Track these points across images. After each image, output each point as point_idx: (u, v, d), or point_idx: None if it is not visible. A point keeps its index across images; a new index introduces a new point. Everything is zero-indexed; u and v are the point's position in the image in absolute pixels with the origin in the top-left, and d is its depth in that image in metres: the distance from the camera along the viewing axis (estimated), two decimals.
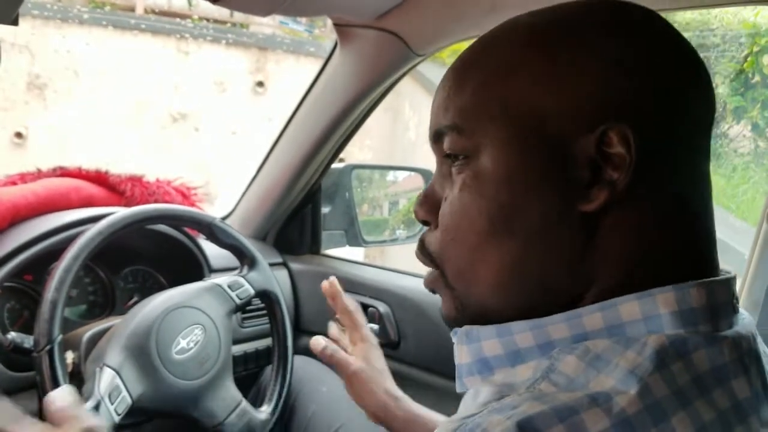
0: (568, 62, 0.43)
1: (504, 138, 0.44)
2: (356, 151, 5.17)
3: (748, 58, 2.79)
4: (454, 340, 0.50)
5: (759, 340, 0.45)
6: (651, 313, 0.41)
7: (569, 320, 0.43)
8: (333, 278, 0.94)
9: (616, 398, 0.36)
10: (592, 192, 0.42)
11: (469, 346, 0.48)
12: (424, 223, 0.52)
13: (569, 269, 0.43)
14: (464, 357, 0.48)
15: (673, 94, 0.42)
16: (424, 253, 0.51)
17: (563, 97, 0.42)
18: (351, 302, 0.94)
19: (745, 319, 0.45)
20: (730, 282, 0.44)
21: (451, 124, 0.47)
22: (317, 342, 0.90)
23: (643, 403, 0.36)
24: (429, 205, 0.51)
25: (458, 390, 0.50)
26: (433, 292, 0.52)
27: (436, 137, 0.49)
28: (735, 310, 0.44)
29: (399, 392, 0.89)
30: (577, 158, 0.42)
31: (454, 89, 0.47)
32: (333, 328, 0.96)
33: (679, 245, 0.43)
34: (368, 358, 0.90)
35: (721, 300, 0.42)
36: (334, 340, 0.93)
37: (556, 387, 0.39)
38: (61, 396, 0.78)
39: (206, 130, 5.59)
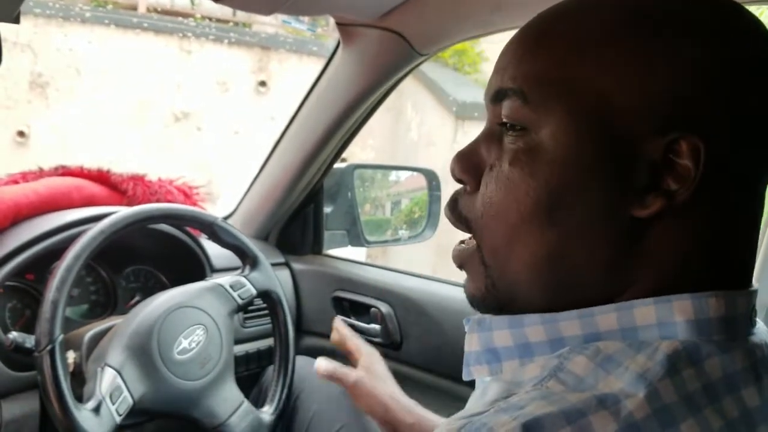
0: (651, 58, 0.40)
1: (569, 119, 0.41)
2: (358, 151, 5.17)
3: None
4: (465, 328, 0.49)
5: None
6: (666, 320, 0.40)
7: (582, 318, 0.42)
8: (337, 325, 1.05)
9: (625, 401, 0.36)
10: (648, 198, 0.40)
11: (479, 334, 0.47)
12: (459, 181, 0.49)
13: (605, 270, 0.42)
14: (474, 345, 0.48)
15: (752, 111, 0.40)
16: (457, 216, 0.49)
17: (639, 93, 0.40)
18: (350, 336, 1.04)
19: (760, 327, 0.45)
20: (751, 295, 0.43)
21: (517, 88, 0.43)
22: (320, 366, 0.97)
23: (651, 407, 0.36)
24: (468, 165, 0.48)
25: (464, 378, 0.49)
26: (461, 268, 0.50)
27: (497, 97, 0.46)
28: (753, 323, 0.43)
29: (403, 396, 0.90)
30: (640, 160, 0.40)
31: (529, 53, 0.44)
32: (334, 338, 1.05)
33: (719, 264, 0.42)
34: (369, 367, 0.93)
35: (740, 312, 0.41)
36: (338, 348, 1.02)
37: (564, 386, 0.39)
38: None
39: (209, 130, 5.59)
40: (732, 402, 0.39)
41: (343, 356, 1.42)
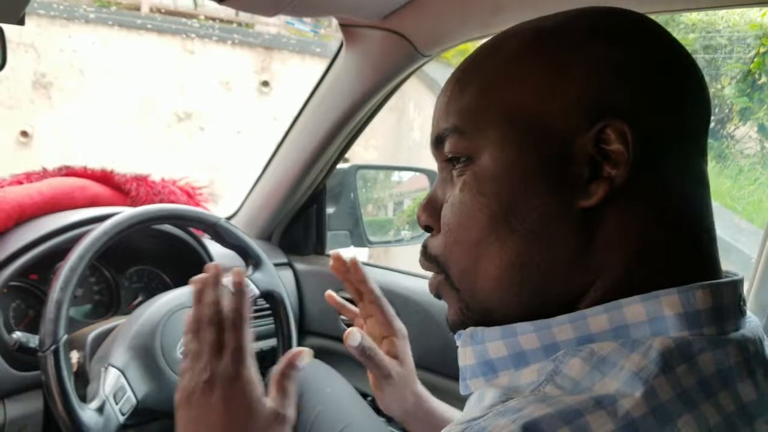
0: (564, 66, 0.44)
1: (503, 138, 0.45)
2: (361, 151, 5.18)
3: (755, 59, 2.78)
4: (458, 342, 0.50)
5: (767, 343, 0.45)
6: (656, 315, 0.41)
7: (574, 321, 0.43)
8: (356, 258, 0.87)
9: (622, 401, 0.36)
10: (591, 187, 0.43)
11: (473, 347, 0.48)
12: (426, 228, 0.53)
13: (571, 266, 0.44)
14: (468, 359, 0.48)
15: (668, 94, 0.43)
16: (427, 257, 0.52)
17: (561, 99, 0.43)
18: (377, 290, 0.87)
19: (753, 322, 0.45)
20: (736, 284, 0.44)
21: (452, 126, 0.48)
22: (354, 337, 0.80)
23: (648, 405, 0.36)
24: (431, 211, 0.52)
25: (462, 392, 0.49)
26: (439, 297, 0.52)
27: (438, 142, 0.50)
28: (742, 313, 0.44)
29: (424, 391, 0.86)
30: (576, 156, 0.43)
31: (456, 94, 0.48)
32: (360, 316, 0.90)
33: (681, 244, 0.43)
34: (402, 358, 0.84)
35: (727, 302, 0.42)
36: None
37: (561, 390, 0.39)
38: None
39: (211, 130, 5.60)
40: (727, 396, 0.39)
41: (345, 356, 1.43)
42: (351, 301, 1.37)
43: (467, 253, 0.47)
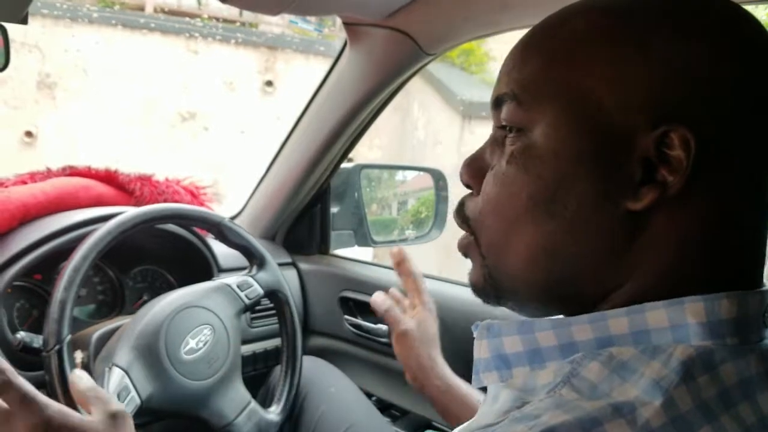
0: (637, 55, 0.41)
1: (559, 117, 0.43)
2: (365, 151, 5.17)
3: None
4: (474, 333, 0.49)
5: None
6: (678, 322, 0.40)
7: (594, 322, 0.42)
8: (400, 247, 1.00)
9: (641, 409, 0.36)
10: (642, 191, 0.41)
11: (489, 340, 0.47)
12: (467, 186, 0.52)
13: (603, 263, 0.43)
14: (483, 352, 0.48)
15: (746, 104, 0.41)
16: (461, 215, 0.51)
17: (627, 89, 0.41)
18: (415, 268, 0.98)
19: None
20: (764, 295, 0.43)
21: (511, 92, 0.46)
22: (378, 296, 0.96)
23: (668, 415, 0.35)
24: (474, 170, 0.50)
25: (474, 385, 0.49)
26: (466, 256, 0.52)
27: (496, 104, 0.48)
28: (766, 324, 0.43)
29: (441, 360, 0.92)
30: (633, 153, 0.41)
31: (521, 60, 0.47)
32: (395, 291, 1.01)
33: (721, 256, 0.42)
34: (422, 322, 0.93)
35: (752, 312, 0.41)
36: (396, 301, 0.98)
37: (578, 393, 0.38)
38: (81, 378, 0.74)
39: (215, 130, 5.61)
40: (748, 407, 0.38)
41: (349, 355, 1.43)
42: (360, 301, 1.39)
43: (501, 228, 0.46)
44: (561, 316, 0.44)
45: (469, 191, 0.51)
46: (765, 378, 0.40)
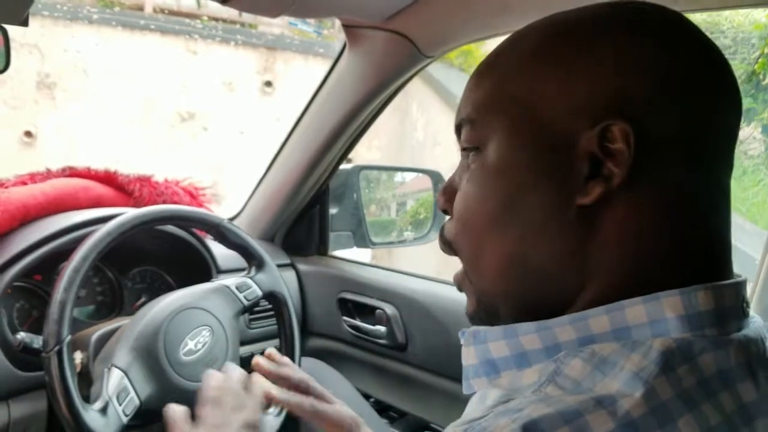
0: (571, 63, 0.44)
1: (506, 132, 0.46)
2: (364, 152, 5.18)
3: (759, 60, 2.77)
4: (461, 340, 0.50)
5: None
6: (657, 317, 0.41)
7: (575, 322, 0.43)
8: (271, 350, 0.96)
9: (621, 401, 0.36)
10: (589, 185, 0.43)
11: (476, 347, 0.48)
12: (444, 212, 0.54)
13: (567, 263, 0.44)
14: (471, 358, 0.49)
15: (683, 95, 0.43)
16: (443, 240, 0.53)
17: (561, 99, 0.44)
18: (295, 372, 0.94)
19: (756, 322, 0.45)
20: (739, 285, 0.44)
21: (466, 117, 0.49)
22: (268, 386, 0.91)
23: (648, 405, 0.36)
24: (448, 195, 0.53)
25: (465, 391, 0.50)
26: (460, 290, 0.53)
27: (457, 130, 0.51)
28: (745, 314, 0.44)
29: None
30: (578, 153, 0.43)
31: (473, 87, 0.50)
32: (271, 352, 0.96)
33: (685, 246, 0.43)
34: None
35: (729, 303, 0.42)
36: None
37: (563, 390, 0.39)
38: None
39: (215, 130, 5.61)
40: (728, 397, 0.39)
41: (348, 357, 1.43)
42: (358, 303, 1.39)
43: (473, 242, 0.49)
44: (543, 320, 0.45)
45: (448, 217, 0.54)
46: (745, 367, 0.41)
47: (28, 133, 5.08)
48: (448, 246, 0.52)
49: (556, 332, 0.43)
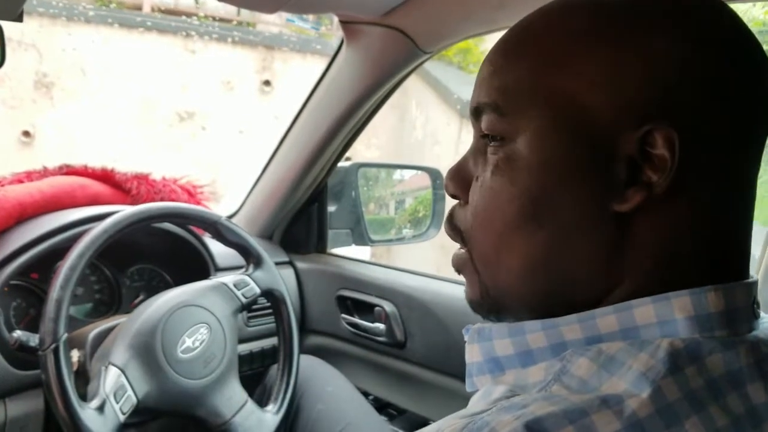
0: (616, 56, 0.41)
1: (543, 125, 0.43)
2: (363, 150, 5.17)
3: None
4: (465, 337, 0.49)
5: None
6: (666, 318, 0.40)
7: (583, 321, 0.42)
8: None
9: (628, 401, 0.36)
10: (628, 192, 0.41)
11: (480, 344, 0.47)
12: (453, 196, 0.51)
13: (596, 268, 0.43)
14: (475, 356, 0.47)
15: (727, 98, 0.41)
16: (452, 227, 0.51)
17: (608, 91, 0.41)
18: None
19: (766, 322, 0.44)
20: (750, 286, 0.43)
21: (492, 102, 0.45)
22: None
23: (655, 406, 0.36)
24: (459, 181, 0.50)
25: (468, 389, 0.49)
26: (459, 272, 0.51)
27: (476, 113, 0.48)
28: (756, 315, 0.43)
29: None
30: (617, 155, 0.41)
31: (500, 67, 0.46)
32: None
33: (709, 254, 0.42)
34: None
35: (740, 304, 0.41)
36: None
37: (568, 389, 0.39)
38: None
39: (213, 129, 5.60)
40: (737, 398, 0.38)
41: (346, 354, 1.43)
42: (357, 300, 1.39)
43: (491, 241, 0.46)
44: (550, 318, 0.44)
45: (457, 201, 0.51)
46: (755, 369, 0.40)
47: (26, 133, 5.07)
48: (458, 234, 0.50)
49: (563, 331, 0.42)
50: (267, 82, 5.84)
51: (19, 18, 0.72)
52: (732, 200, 0.43)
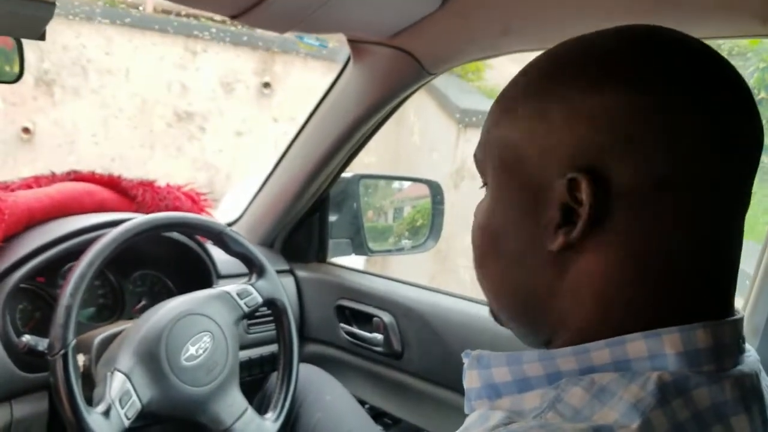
0: (548, 111, 0.45)
1: (495, 174, 0.50)
2: (361, 155, 5.18)
3: (755, 75, 2.80)
4: (465, 362, 0.52)
5: (763, 376, 0.46)
6: (657, 352, 0.42)
7: (577, 354, 0.44)
8: None
9: (618, 431, 0.38)
10: (558, 233, 0.45)
11: (479, 371, 0.49)
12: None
13: (543, 299, 0.47)
14: (474, 381, 0.50)
15: (649, 145, 0.42)
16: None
17: (537, 141, 0.45)
18: None
19: (751, 356, 0.46)
20: (737, 323, 0.45)
21: (474, 154, 0.53)
22: None
23: None
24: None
25: (467, 412, 0.51)
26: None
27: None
28: (741, 350, 0.45)
29: None
30: (551, 200, 0.45)
31: (483, 125, 0.53)
32: None
33: (661, 289, 0.43)
34: None
35: (727, 341, 0.43)
36: None
37: (562, 417, 0.41)
38: None
39: (212, 130, 5.61)
40: (721, 430, 0.41)
41: (344, 363, 1.45)
42: (356, 310, 1.41)
43: (477, 265, 0.53)
44: (546, 350, 0.47)
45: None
46: (739, 402, 0.42)
47: (27, 130, 5.07)
48: None
49: (558, 362, 0.45)
50: (266, 85, 5.85)
51: (41, 37, 0.74)
52: (686, 239, 0.43)
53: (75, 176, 1.31)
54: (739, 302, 0.49)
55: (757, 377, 0.45)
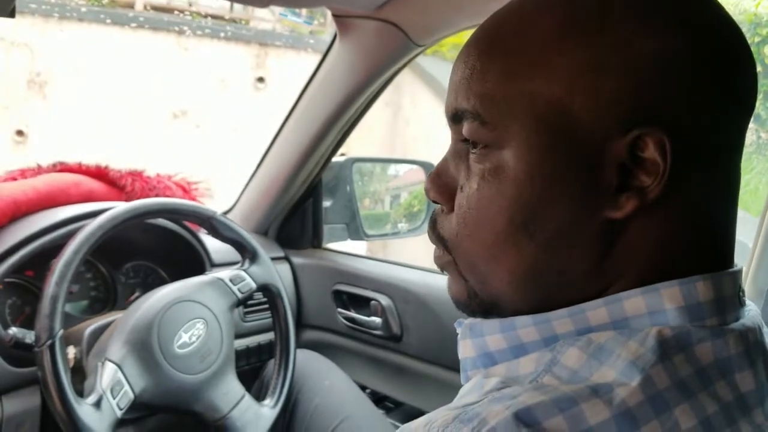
0: (601, 57, 0.39)
1: (529, 136, 0.41)
2: (357, 146, 5.17)
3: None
4: (458, 331, 0.49)
5: (765, 331, 0.44)
6: (656, 308, 0.40)
7: (573, 315, 0.42)
8: None
9: (618, 390, 0.36)
10: (621, 199, 0.40)
11: (473, 340, 0.47)
12: (435, 202, 0.49)
13: (587, 274, 0.42)
14: (468, 351, 0.47)
15: (713, 93, 0.39)
16: (436, 235, 0.49)
17: (593, 95, 0.39)
18: None
19: (752, 311, 0.45)
20: (736, 275, 0.43)
21: (473, 111, 0.43)
22: None
23: (645, 394, 0.36)
24: (441, 186, 0.48)
25: (463, 382, 0.48)
26: (442, 270, 0.50)
27: (455, 118, 0.46)
28: (741, 303, 0.43)
29: None
30: (607, 161, 0.40)
31: (478, 70, 0.43)
32: None
33: (702, 245, 0.42)
34: None
35: (727, 293, 0.41)
36: None
37: (559, 380, 0.39)
38: None
39: (207, 127, 5.59)
40: (725, 386, 0.38)
41: (343, 349, 1.43)
42: (353, 294, 1.39)
43: (481, 252, 0.45)
44: (540, 313, 0.43)
45: (439, 206, 0.49)
46: (743, 357, 0.40)
47: (20, 132, 5.05)
48: (443, 243, 0.48)
49: (554, 325, 0.42)
50: (261, 79, 5.83)
51: (11, 14, 0.72)
52: (722, 192, 0.43)
53: (61, 167, 1.29)
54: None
55: (760, 331, 0.43)
